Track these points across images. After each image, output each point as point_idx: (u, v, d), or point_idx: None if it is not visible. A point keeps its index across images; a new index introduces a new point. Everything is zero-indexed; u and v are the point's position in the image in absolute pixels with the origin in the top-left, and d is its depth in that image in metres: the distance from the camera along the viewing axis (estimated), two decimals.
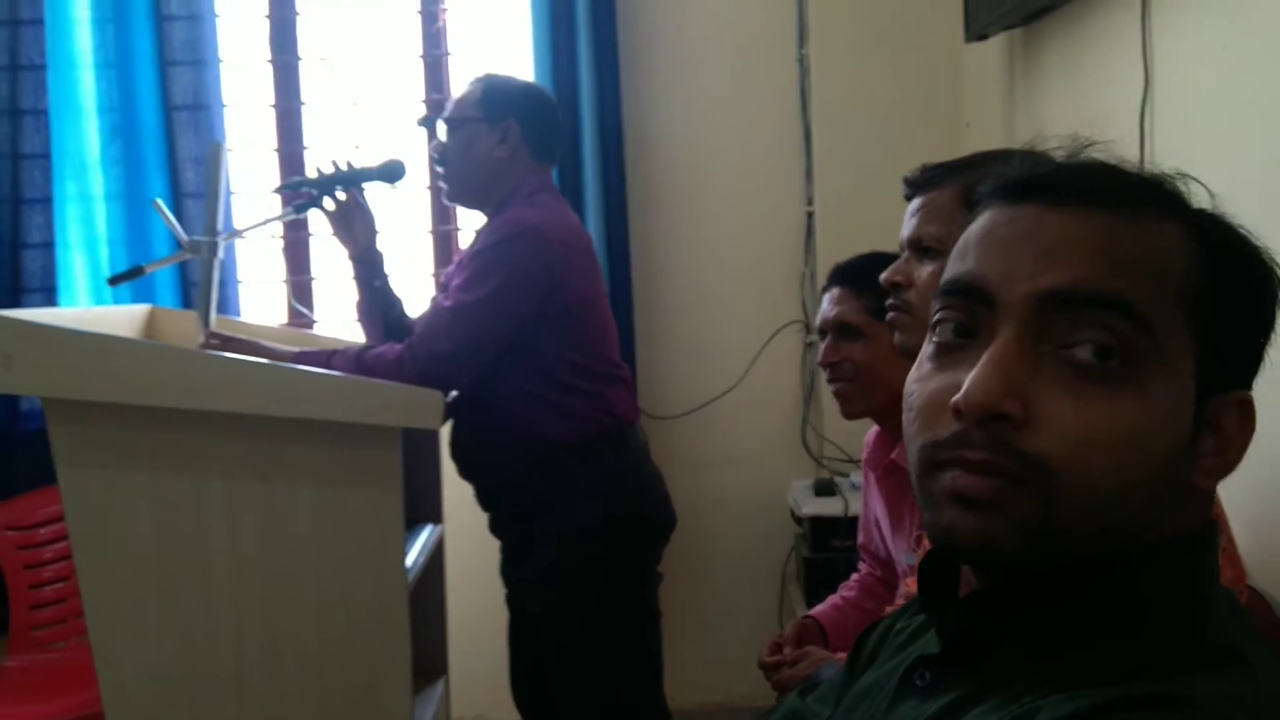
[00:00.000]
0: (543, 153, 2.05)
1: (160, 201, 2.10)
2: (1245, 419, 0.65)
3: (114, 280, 2.07)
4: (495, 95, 2.01)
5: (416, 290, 2.92)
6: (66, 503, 1.80)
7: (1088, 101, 2.12)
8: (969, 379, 0.63)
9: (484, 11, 3.01)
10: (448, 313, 1.85)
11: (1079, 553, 0.63)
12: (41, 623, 2.76)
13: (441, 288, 2.06)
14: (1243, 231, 0.68)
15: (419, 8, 3.01)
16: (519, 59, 2.84)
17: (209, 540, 1.79)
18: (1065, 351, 0.62)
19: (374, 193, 2.12)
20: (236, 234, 2.19)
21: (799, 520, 2.68)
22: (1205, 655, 0.61)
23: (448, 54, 3.02)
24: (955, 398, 0.63)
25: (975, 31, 2.42)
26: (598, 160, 2.80)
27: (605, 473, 1.98)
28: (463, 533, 2.30)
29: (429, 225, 3.02)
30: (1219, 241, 0.66)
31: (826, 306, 1.77)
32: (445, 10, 3.01)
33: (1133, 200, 0.65)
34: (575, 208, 2.80)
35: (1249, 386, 0.67)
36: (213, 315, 2.05)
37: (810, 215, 2.90)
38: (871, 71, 2.84)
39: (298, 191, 2.10)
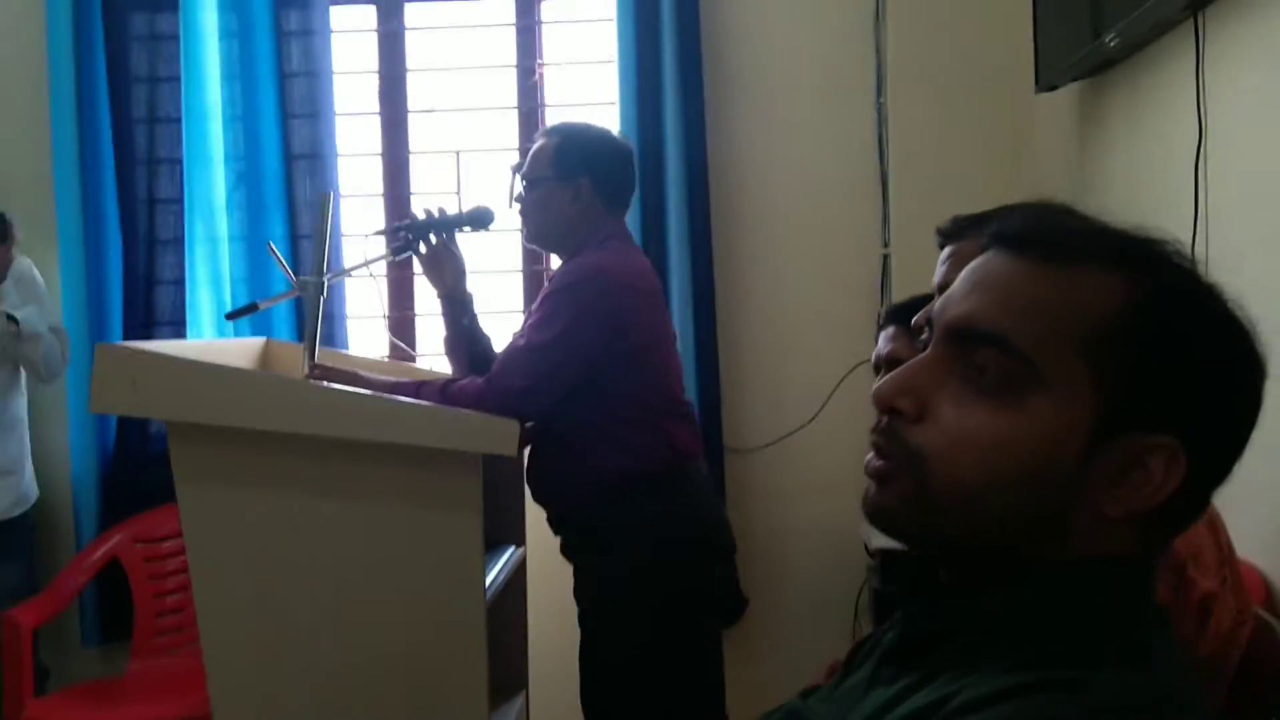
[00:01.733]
0: (614, 203, 2.18)
1: (272, 245, 2.31)
2: (1174, 465, 0.71)
3: (231, 315, 2.29)
4: (568, 153, 2.14)
5: (510, 327, 3.08)
6: (184, 517, 1.99)
7: (1148, 151, 2.18)
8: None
9: (577, 64, 3.20)
10: (522, 351, 2.00)
11: (964, 537, 0.75)
12: (163, 630, 2.99)
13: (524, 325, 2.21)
14: (1209, 304, 0.73)
15: (516, 62, 3.20)
16: (609, 109, 3.00)
17: (309, 554, 1.96)
18: (967, 370, 0.74)
19: (471, 236, 2.30)
20: (340, 274, 2.38)
21: (871, 553, 2.75)
22: (1116, 657, 0.69)
23: (543, 105, 3.21)
24: None
25: (1045, 83, 2.49)
26: (683, 204, 2.94)
27: (666, 504, 2.08)
28: (548, 554, 2.43)
29: (520, 265, 3.20)
30: (1160, 302, 0.72)
31: (881, 343, 1.87)
32: (541, 64, 3.20)
33: (1064, 252, 0.74)
34: (660, 249, 2.95)
35: (1203, 438, 0.71)
36: (317, 348, 2.24)
37: (886, 257, 2.99)
38: (947, 120, 2.92)
39: (395, 236, 2.28)
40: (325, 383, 2.09)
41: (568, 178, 2.14)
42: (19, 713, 2.62)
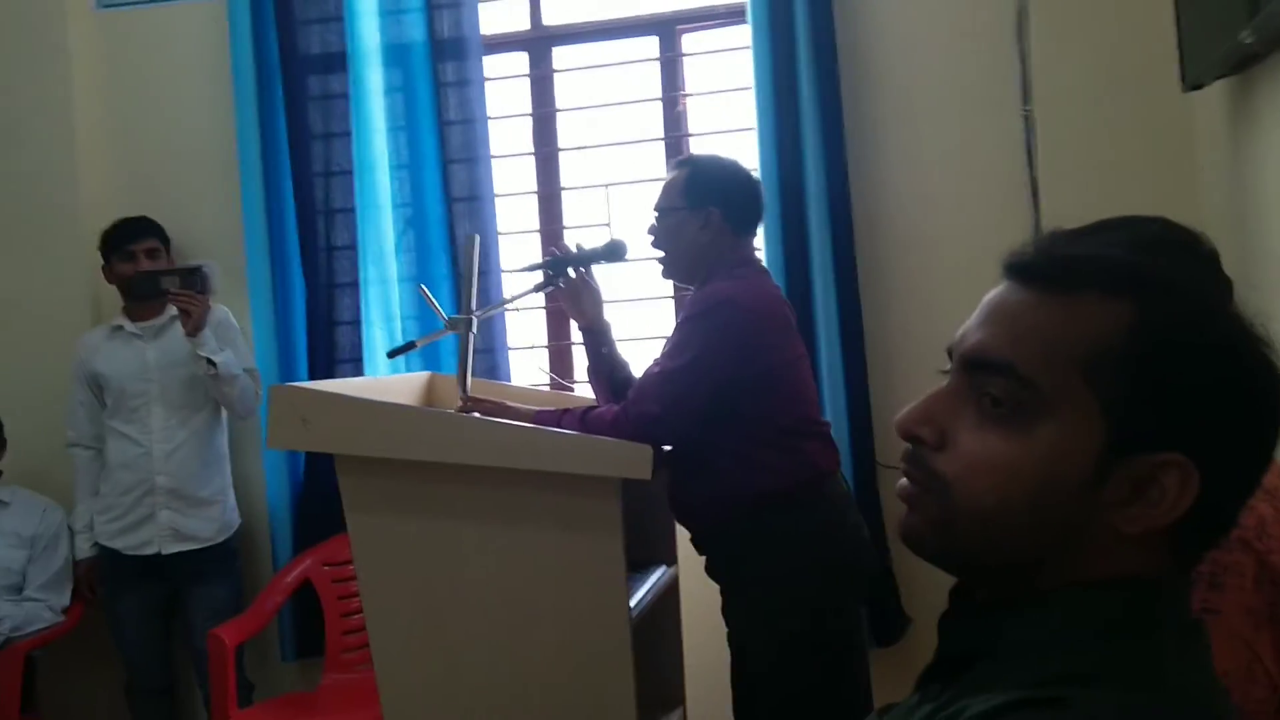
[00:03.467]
0: (742, 230, 2.25)
1: (424, 287, 2.48)
2: (1187, 482, 0.73)
3: (392, 354, 2.47)
4: (697, 183, 2.23)
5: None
6: (353, 543, 2.17)
7: None
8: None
9: (718, 93, 3.27)
10: (655, 378, 2.08)
11: (982, 558, 0.79)
12: (351, 646, 3.20)
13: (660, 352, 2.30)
14: (1215, 323, 0.75)
15: (660, 95, 3.31)
16: (751, 135, 3.06)
17: (464, 576, 2.10)
18: (982, 397, 0.78)
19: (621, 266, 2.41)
20: (488, 311, 2.52)
21: None
22: (1118, 676, 0.71)
23: (688, 135, 3.29)
24: None
25: (1190, 81, 2.41)
26: (825, 221, 2.95)
27: (804, 522, 2.12)
28: (702, 574, 2.49)
29: (671, 292, 3.28)
30: (1160, 325, 0.74)
31: None
32: (684, 95, 3.29)
33: (1066, 280, 0.77)
34: (803, 270, 2.98)
35: (1215, 454, 0.73)
36: (469, 380, 2.38)
37: None
38: (1097, 123, 2.85)
39: (535, 271, 2.40)
40: (475, 414, 2.22)
41: (697, 205, 2.22)
42: None
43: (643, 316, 3.31)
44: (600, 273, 2.44)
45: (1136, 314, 0.75)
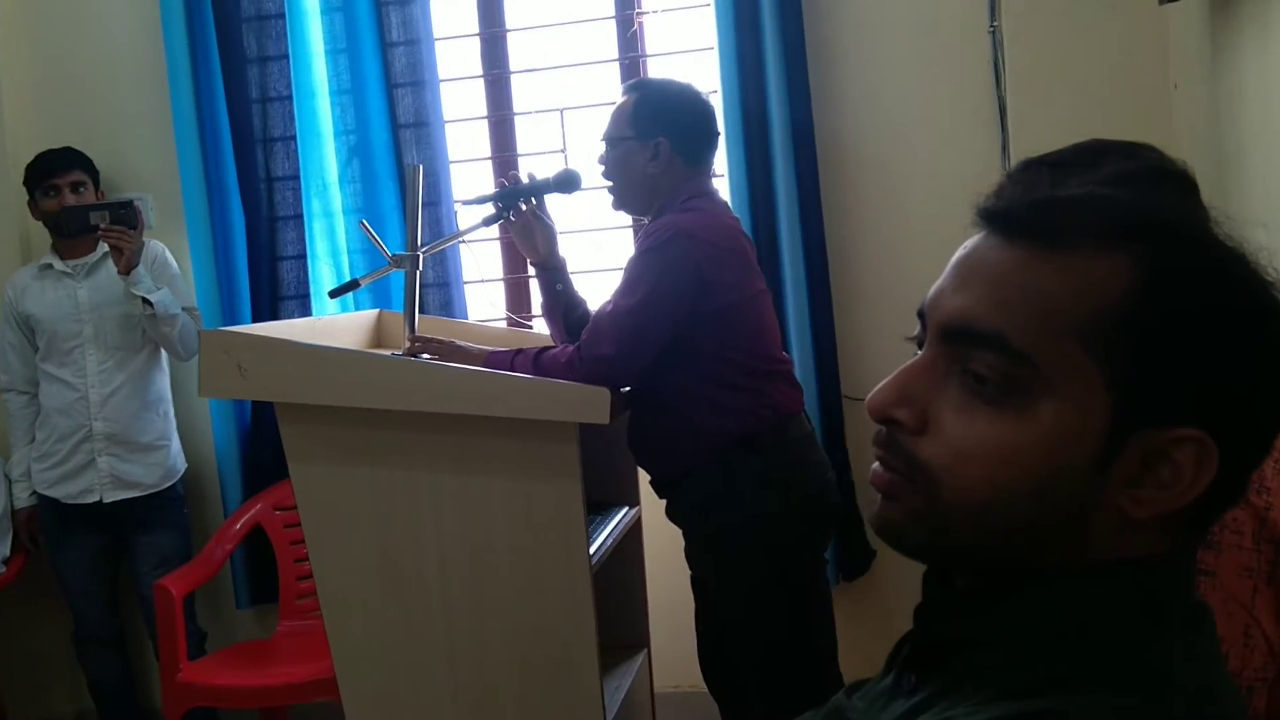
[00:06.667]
0: (695, 160, 2.12)
1: (365, 222, 2.35)
2: (1204, 458, 0.64)
3: (334, 293, 2.34)
4: (645, 111, 2.10)
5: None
6: (298, 493, 2.07)
7: (1277, 63, 1.99)
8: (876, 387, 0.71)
9: (675, 10, 3.12)
10: (609, 318, 1.97)
11: (974, 550, 0.69)
12: (305, 593, 3.11)
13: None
14: (1224, 273, 0.65)
15: (615, 13, 3.14)
16: (709, 57, 2.92)
17: (419, 525, 2.01)
18: (965, 373, 0.68)
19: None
20: (434, 247, 2.39)
21: None
22: (1118, 677, 0.63)
23: (644, 55, 3.14)
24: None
25: None
26: (789, 148, 2.83)
27: (767, 464, 2.04)
28: (664, 515, 2.42)
29: (630, 222, 3.15)
30: (1166, 281, 0.64)
31: None
32: (640, 14, 3.13)
33: (1056, 233, 0.66)
34: (767, 197, 2.87)
35: (1235, 423, 0.65)
36: (417, 319, 2.26)
37: None
38: (1068, 39, 2.72)
39: (483, 205, 2.27)
40: (424, 356, 2.11)
41: (646, 136, 2.10)
42: (174, 675, 2.78)
43: (601, 250, 3.18)
44: (554, 204, 2.31)
45: (1138, 269, 0.65)
